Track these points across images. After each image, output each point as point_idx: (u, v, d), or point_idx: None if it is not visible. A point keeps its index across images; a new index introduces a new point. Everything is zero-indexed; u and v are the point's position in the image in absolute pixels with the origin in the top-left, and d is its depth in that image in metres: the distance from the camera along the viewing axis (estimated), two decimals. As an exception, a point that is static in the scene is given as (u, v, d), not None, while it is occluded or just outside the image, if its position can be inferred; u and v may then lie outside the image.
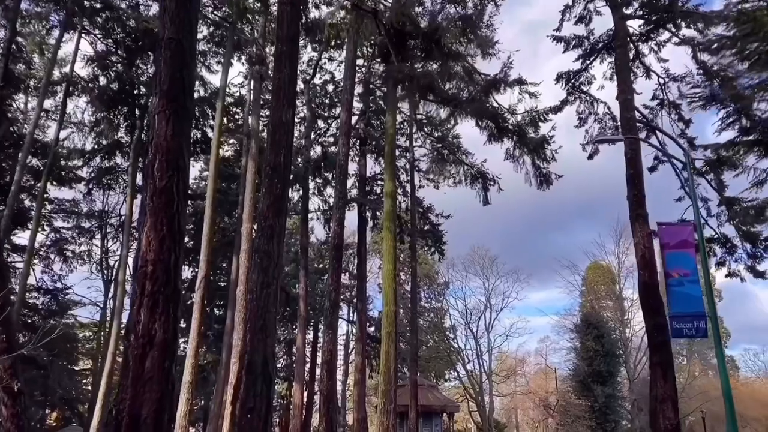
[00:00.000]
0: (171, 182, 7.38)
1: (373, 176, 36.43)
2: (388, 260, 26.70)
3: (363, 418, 31.32)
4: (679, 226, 11.70)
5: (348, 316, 62.07)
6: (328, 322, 16.76)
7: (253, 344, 9.82)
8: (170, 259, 7.36)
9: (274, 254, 10.32)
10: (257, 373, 9.71)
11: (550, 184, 21.49)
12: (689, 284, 10.80)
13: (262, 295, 10.12)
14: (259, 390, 9.61)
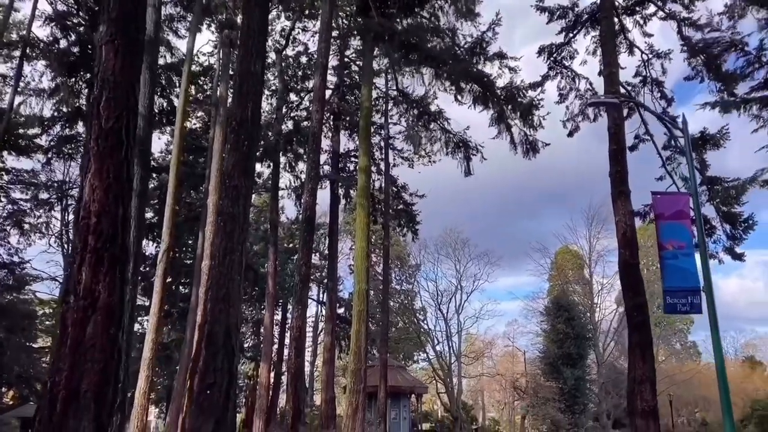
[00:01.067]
0: (119, 123, 6.42)
1: (347, 153, 35.45)
2: (361, 237, 25.91)
3: (331, 398, 30.69)
4: (675, 196, 11.12)
5: (318, 297, 61.33)
6: (297, 297, 15.95)
7: (214, 314, 8.96)
8: (118, 212, 6.42)
9: (239, 217, 9.43)
10: (219, 345, 8.86)
11: (537, 152, 20.84)
12: (684, 257, 10.25)
13: (225, 261, 9.23)
14: (220, 364, 8.76)
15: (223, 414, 8.61)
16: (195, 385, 8.66)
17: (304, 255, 16.16)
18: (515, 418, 75.34)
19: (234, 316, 9.12)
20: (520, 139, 20.69)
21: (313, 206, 17.04)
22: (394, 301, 59.43)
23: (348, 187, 36.02)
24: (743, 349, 79.55)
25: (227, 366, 8.82)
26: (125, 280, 6.58)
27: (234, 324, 9.10)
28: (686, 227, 10.51)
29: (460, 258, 62.04)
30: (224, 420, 8.61)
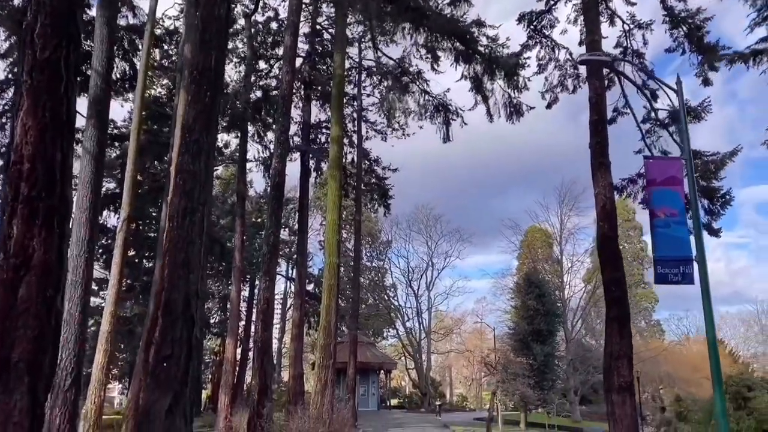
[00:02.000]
0: (58, 54, 5.52)
1: (318, 124, 34.50)
2: (332, 210, 25.14)
3: (299, 374, 30.09)
4: (668, 161, 10.61)
5: (287, 272, 60.52)
6: (265, 268, 15.17)
7: (172, 281, 8.16)
8: (56, 157, 5.56)
9: (200, 175, 8.60)
10: (177, 314, 8.08)
11: (521, 116, 20.22)
12: (676, 225, 9.79)
13: (184, 223, 8.41)
14: (178, 334, 8.00)
15: (181, 388, 7.87)
16: (151, 357, 7.88)
17: (273, 224, 15.37)
18: (482, 394, 76.20)
19: (194, 282, 8.34)
20: (503, 101, 20.03)
21: (282, 173, 16.21)
22: (364, 277, 58.99)
23: (319, 159, 35.13)
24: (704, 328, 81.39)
25: (186, 336, 8.05)
26: (65, 236, 5.74)
27: (194, 291, 8.32)
28: (679, 194, 10.03)
29: (431, 234, 61.86)
30: (183, 394, 7.88)
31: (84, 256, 15.95)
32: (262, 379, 14.37)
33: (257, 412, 13.86)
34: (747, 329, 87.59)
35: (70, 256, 16.55)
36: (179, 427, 7.69)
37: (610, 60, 14.41)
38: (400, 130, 35.28)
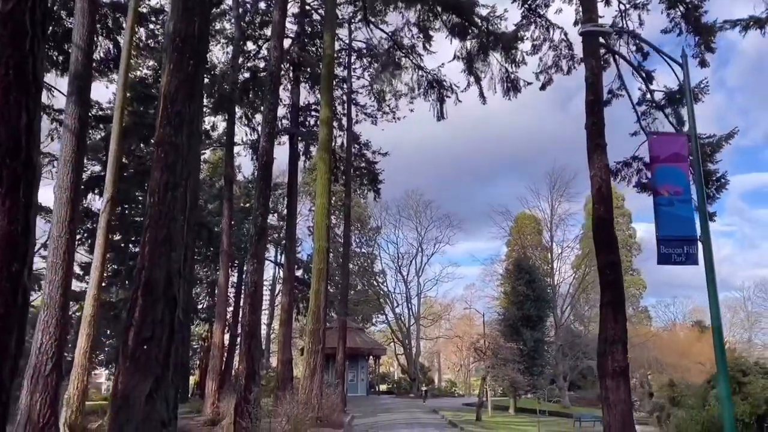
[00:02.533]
0: (22, 6, 5.00)
1: (308, 106, 33.92)
2: (322, 194, 24.74)
3: (288, 360, 29.79)
4: (672, 137, 10.23)
5: (275, 258, 60.04)
6: (253, 251, 14.74)
7: (153, 259, 7.72)
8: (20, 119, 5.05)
9: (182, 148, 8.13)
10: (158, 294, 7.64)
11: (518, 92, 19.80)
12: (680, 204, 9.46)
13: (166, 198, 7.96)
14: (160, 315, 7.57)
15: (163, 372, 7.46)
16: (130, 339, 7.44)
17: (261, 205, 14.90)
18: (470, 380, 76.44)
19: (176, 260, 7.90)
20: (500, 76, 19.59)
21: (270, 152, 15.71)
22: (353, 263, 58.67)
23: (308, 143, 34.60)
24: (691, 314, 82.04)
25: (168, 317, 7.63)
26: (32, 205, 5.24)
27: (176, 270, 7.88)
28: (683, 171, 9.69)
29: (421, 220, 61.58)
30: (164, 378, 7.47)
31: (65, 237, 15.43)
32: (250, 363, 13.98)
33: (244, 398, 13.49)
34: (733, 315, 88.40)
35: (50, 237, 16.03)
36: (161, 413, 7.29)
37: (613, 31, 14.00)
38: (391, 113, 34.83)
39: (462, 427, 24.90)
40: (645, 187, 20.51)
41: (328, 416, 22.69)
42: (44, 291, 15.17)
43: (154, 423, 7.17)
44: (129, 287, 33.52)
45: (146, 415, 7.14)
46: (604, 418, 15.33)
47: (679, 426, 15.54)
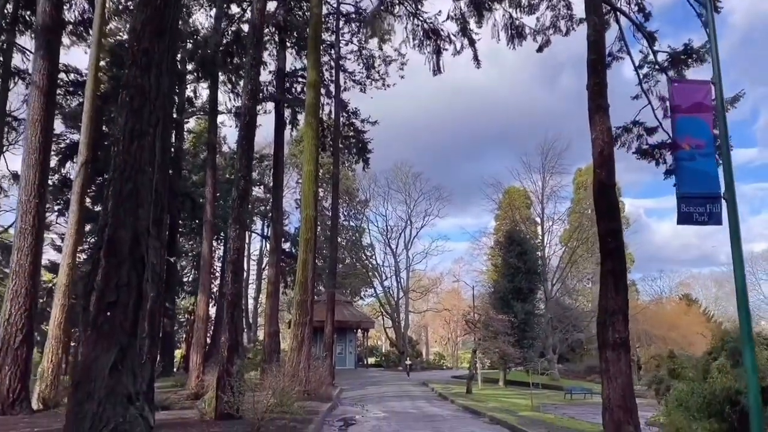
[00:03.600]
0: None
1: (294, 72, 32.74)
2: (309, 160, 23.79)
3: (275, 332, 29.11)
4: (695, 85, 9.38)
5: (262, 231, 59.20)
6: (235, 215, 13.85)
7: (117, 215, 6.84)
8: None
9: (150, 91, 7.21)
10: (124, 255, 6.78)
11: (524, 39, 18.84)
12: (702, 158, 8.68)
13: (132, 147, 7.05)
14: (125, 278, 6.72)
15: (129, 341, 6.64)
16: (92, 305, 6.59)
17: (243, 167, 13.97)
18: (458, 353, 76.54)
19: (144, 218, 7.04)
20: (504, 23, 18.63)
21: (253, 111, 14.72)
22: (342, 237, 57.95)
23: (295, 111, 33.50)
24: (678, 288, 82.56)
25: (135, 281, 6.78)
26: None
27: (144, 228, 7.02)
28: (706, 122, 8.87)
29: (410, 193, 60.83)
30: (131, 349, 6.65)
31: (34, 201, 14.48)
32: (233, 334, 13.21)
33: (226, 370, 12.74)
34: (718, 289, 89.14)
35: (18, 201, 15.04)
36: (127, 386, 6.48)
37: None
38: (381, 79, 33.80)
39: (453, 400, 24.42)
40: (645, 154, 19.78)
41: (316, 389, 22.07)
42: (12, 259, 14.24)
43: (120, 398, 6.37)
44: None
45: (110, 389, 6.34)
46: (603, 391, 14.76)
47: (679, 398, 14.98)
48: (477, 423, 16.76)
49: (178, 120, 36.31)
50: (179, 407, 17.31)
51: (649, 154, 19.69)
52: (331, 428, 14.63)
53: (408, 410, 20.18)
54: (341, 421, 16.40)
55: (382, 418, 17.22)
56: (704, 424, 14.76)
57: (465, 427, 15.35)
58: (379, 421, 16.55)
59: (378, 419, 17.02)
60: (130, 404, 6.45)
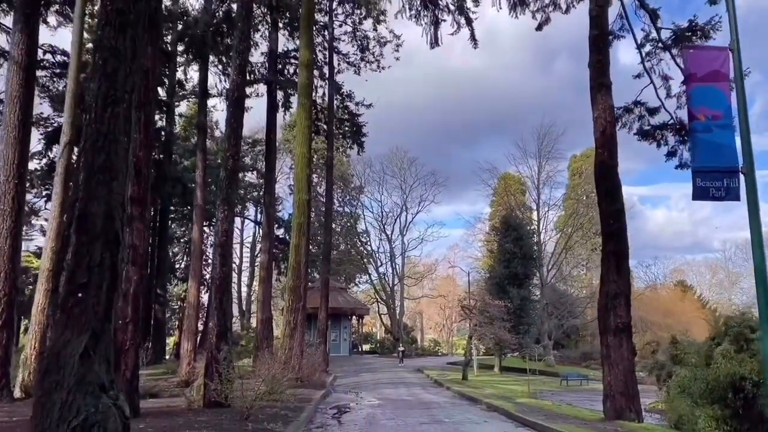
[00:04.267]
0: None
1: (286, 53, 31.99)
2: (302, 143, 23.21)
3: (268, 318, 28.62)
4: (712, 51, 8.82)
5: (255, 217, 58.57)
6: (223, 195, 13.29)
7: (89, 188, 6.27)
8: None
9: (125, 53, 6.61)
10: (96, 232, 6.22)
11: (526, 7, 18.29)
12: (719, 129, 8.13)
13: (105, 114, 6.46)
14: (98, 258, 6.16)
15: (103, 326, 6.09)
16: (62, 286, 6.04)
17: (232, 146, 13.39)
18: (453, 339, 76.38)
19: (118, 192, 6.46)
20: None
21: (242, 87, 14.10)
22: (336, 223, 57.39)
23: (287, 94, 32.78)
24: (672, 275, 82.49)
25: (109, 261, 6.23)
26: None
27: (119, 203, 6.45)
28: (723, 92, 8.31)
29: (406, 178, 60.25)
30: (105, 334, 6.11)
31: (13, 181, 13.87)
32: (221, 320, 12.69)
33: (214, 357, 12.24)
34: (712, 275, 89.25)
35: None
36: (99, 374, 5.95)
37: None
38: (375, 61, 33.13)
39: (448, 387, 24.05)
40: (646, 135, 19.32)
41: (309, 376, 21.64)
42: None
43: (91, 388, 5.84)
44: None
45: (81, 378, 5.81)
46: (604, 378, 14.40)
47: (681, 384, 14.62)
48: (473, 410, 16.35)
49: (168, 103, 35.57)
50: (168, 395, 16.83)
51: (651, 135, 19.24)
52: (324, 416, 14.18)
53: (403, 397, 19.78)
54: (335, 408, 15.96)
55: (377, 406, 16.80)
56: (707, 410, 14.39)
57: (461, 415, 14.92)
58: (374, 408, 16.12)
59: (372, 407, 16.59)
60: (102, 393, 5.91)
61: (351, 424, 12.75)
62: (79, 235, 6.20)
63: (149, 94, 11.39)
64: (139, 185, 11.07)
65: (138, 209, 11.01)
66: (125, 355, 10.75)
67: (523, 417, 14.00)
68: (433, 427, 12.37)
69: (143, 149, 11.08)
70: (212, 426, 9.85)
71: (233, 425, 10.12)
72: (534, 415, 14.35)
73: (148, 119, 11.30)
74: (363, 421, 13.21)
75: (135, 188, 11.06)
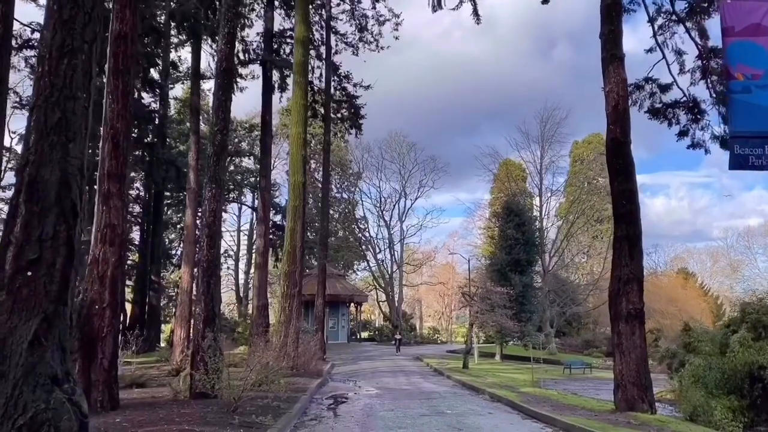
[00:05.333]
0: None
1: (282, 32, 30.93)
2: (297, 122, 22.33)
3: (264, 305, 27.85)
4: (752, 3, 7.92)
5: (252, 204, 57.69)
6: (211, 173, 12.46)
7: (41, 151, 5.43)
8: None
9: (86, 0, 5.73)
10: (49, 201, 5.40)
11: None
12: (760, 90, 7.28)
13: (61, 67, 5.61)
14: (50, 230, 5.34)
15: (56, 309, 5.28)
16: (7, 263, 5.21)
17: (220, 120, 12.52)
18: (452, 327, 75.79)
19: (76, 156, 5.62)
20: None
21: (231, 57, 13.22)
22: (334, 210, 56.55)
23: (283, 75, 31.77)
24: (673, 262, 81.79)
25: (65, 234, 5.41)
26: None
27: (77, 168, 5.61)
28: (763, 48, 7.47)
29: (405, 163, 59.33)
30: (59, 318, 5.29)
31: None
32: (209, 305, 11.89)
33: (200, 346, 11.45)
34: (714, 263, 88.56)
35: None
36: (51, 365, 5.14)
37: None
38: (374, 41, 32.10)
39: (449, 375, 23.34)
40: (657, 113, 18.45)
41: (305, 364, 20.92)
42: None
43: (41, 380, 5.03)
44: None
45: (29, 369, 5.00)
46: (615, 366, 13.63)
47: (695, 374, 13.92)
48: (476, 400, 15.61)
49: (161, 85, 34.61)
50: (157, 384, 16.03)
51: (662, 113, 18.37)
52: (319, 407, 13.42)
53: (402, 387, 19.05)
54: (331, 398, 15.22)
55: (375, 396, 16.06)
56: (723, 401, 13.70)
57: (464, 405, 14.18)
58: (372, 398, 15.37)
59: (370, 396, 15.85)
60: (55, 387, 5.11)
61: (348, 416, 11.99)
62: (30, 205, 5.38)
63: (127, 61, 10.50)
64: (116, 159, 10.22)
65: (116, 185, 10.17)
66: (102, 342, 9.94)
67: (529, 408, 13.26)
68: (435, 419, 11.60)
69: (121, 120, 10.22)
70: (195, 420, 9.07)
71: (218, 418, 9.34)
72: (540, 406, 13.62)
73: (126, 88, 10.43)
74: (360, 413, 12.46)
75: (113, 162, 10.22)
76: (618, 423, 11.16)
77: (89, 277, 10.13)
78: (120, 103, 10.29)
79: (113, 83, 10.40)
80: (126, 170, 10.45)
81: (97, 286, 10.07)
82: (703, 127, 17.95)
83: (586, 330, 52.09)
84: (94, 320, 9.95)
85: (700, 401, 13.46)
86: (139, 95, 33.16)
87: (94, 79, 5.96)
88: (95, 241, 10.25)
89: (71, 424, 5.10)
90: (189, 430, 8.05)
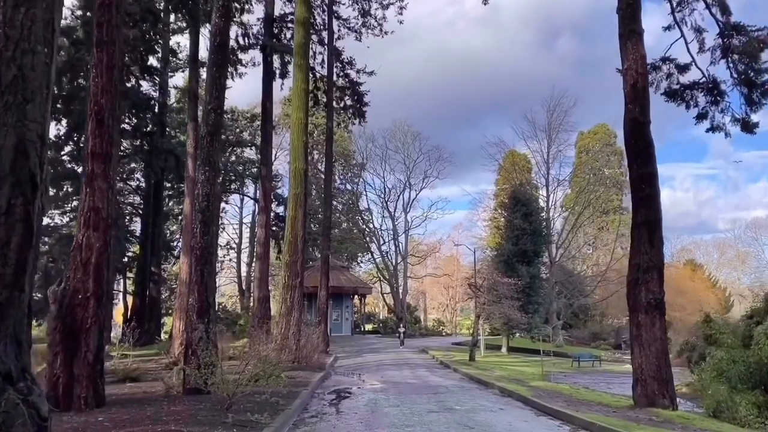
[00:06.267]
0: None
1: (283, 16, 30.09)
2: (298, 107, 21.57)
3: (265, 296, 27.18)
4: None
5: (255, 195, 56.99)
6: (205, 155, 11.74)
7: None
8: None
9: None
10: (3, 171, 4.66)
11: None
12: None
13: (17, 17, 4.86)
14: (4, 205, 4.60)
15: (10, 296, 4.55)
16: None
17: (214, 98, 11.79)
18: (456, 319, 75.20)
19: (36, 119, 4.87)
20: None
21: (226, 31, 12.46)
22: (337, 201, 55.82)
23: (284, 61, 30.96)
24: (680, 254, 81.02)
25: (21, 210, 4.68)
26: None
27: (37, 135, 4.87)
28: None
29: (409, 152, 58.47)
30: (12, 306, 4.56)
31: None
32: (202, 295, 11.20)
33: (193, 338, 10.75)
34: (721, 255, 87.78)
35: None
36: (4, 360, 4.40)
37: None
38: (378, 26, 31.24)
39: (456, 368, 22.63)
40: (674, 95, 17.60)
41: (307, 357, 20.23)
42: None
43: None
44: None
45: (-22, 365, 4.28)
46: (633, 359, 12.90)
47: (718, 368, 13.19)
48: (486, 395, 14.89)
49: (160, 72, 33.88)
50: (152, 378, 15.34)
51: (679, 95, 17.52)
52: (321, 402, 12.71)
53: (408, 380, 18.34)
54: (333, 393, 14.51)
55: (380, 390, 15.35)
56: (748, 396, 12.94)
57: (473, 401, 13.46)
58: (377, 393, 14.66)
59: (375, 391, 15.14)
60: (8, 386, 4.38)
61: (351, 412, 11.27)
62: (-20, 175, 4.64)
63: (112, 31, 9.74)
64: (101, 137, 9.49)
65: (100, 166, 9.44)
66: (86, 334, 9.24)
67: (543, 403, 12.53)
68: (444, 415, 10.88)
69: (105, 95, 9.48)
70: (184, 418, 8.36)
71: (210, 416, 8.63)
72: (553, 401, 12.90)
73: (111, 61, 9.68)
74: (364, 409, 11.75)
75: (97, 141, 9.50)
76: (639, 420, 10.44)
77: (72, 265, 9.43)
78: (104, 77, 9.54)
79: (97, 55, 9.66)
80: (112, 149, 9.72)
81: (80, 274, 9.36)
82: (723, 110, 17.10)
83: (593, 322, 51.37)
84: (77, 311, 9.24)
85: (723, 396, 12.72)
86: (138, 82, 32.47)
87: (57, 31, 5.21)
88: (79, 226, 9.55)
89: (26, 429, 4.38)
90: (176, 430, 7.33)
